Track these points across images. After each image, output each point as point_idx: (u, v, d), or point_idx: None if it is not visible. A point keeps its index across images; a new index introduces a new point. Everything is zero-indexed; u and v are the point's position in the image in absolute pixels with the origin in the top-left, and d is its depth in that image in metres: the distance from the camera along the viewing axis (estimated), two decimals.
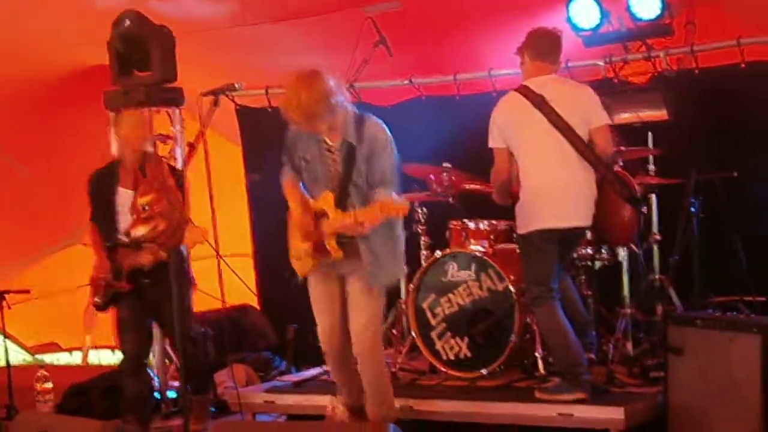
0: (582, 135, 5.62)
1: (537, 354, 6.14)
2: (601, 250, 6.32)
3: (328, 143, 5.22)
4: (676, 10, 6.77)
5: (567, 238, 5.71)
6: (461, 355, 6.32)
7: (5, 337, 7.03)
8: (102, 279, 6.03)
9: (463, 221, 6.59)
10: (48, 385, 7.02)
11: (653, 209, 6.68)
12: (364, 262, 5.20)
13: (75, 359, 9.16)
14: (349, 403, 5.55)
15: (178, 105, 7.47)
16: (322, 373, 6.52)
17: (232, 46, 7.80)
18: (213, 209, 5.38)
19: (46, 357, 9.16)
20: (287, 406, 6.33)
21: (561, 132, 5.60)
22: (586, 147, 5.61)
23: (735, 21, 7.08)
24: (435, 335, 6.40)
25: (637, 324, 6.51)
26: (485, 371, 6.18)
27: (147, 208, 5.28)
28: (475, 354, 6.26)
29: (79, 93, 7.73)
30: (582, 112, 5.65)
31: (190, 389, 5.95)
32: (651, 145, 6.65)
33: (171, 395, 7.23)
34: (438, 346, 6.38)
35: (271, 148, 5.75)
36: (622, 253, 6.45)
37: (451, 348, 6.35)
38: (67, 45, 7.47)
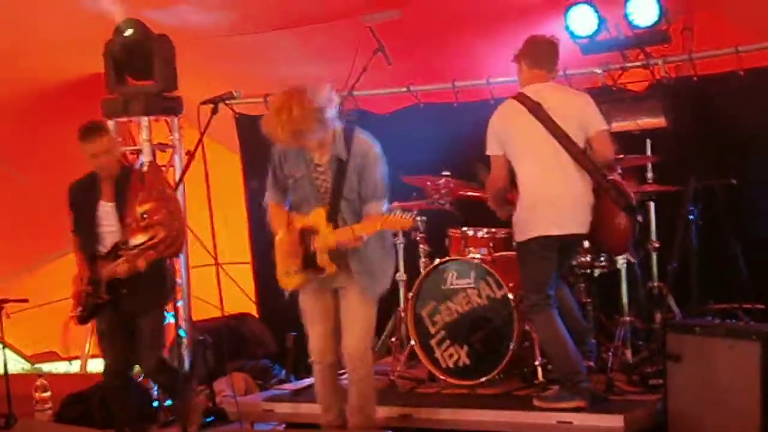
0: (579, 142, 5.62)
1: (536, 362, 6.14)
2: (600, 257, 6.32)
3: (316, 160, 5.21)
4: (673, 17, 6.79)
5: (565, 245, 5.70)
6: (460, 363, 6.31)
7: (4, 346, 7.01)
8: (82, 291, 5.94)
9: (462, 229, 6.59)
10: (47, 394, 7.01)
11: (651, 216, 6.69)
12: (356, 273, 5.21)
13: (74, 368, 9.15)
14: (330, 421, 5.52)
15: (176, 114, 7.54)
16: None
17: (231, 54, 7.81)
18: (212, 217, 5.38)
19: (44, 366, 9.15)
20: (286, 414, 6.31)
21: (558, 139, 5.60)
22: (582, 154, 5.61)
23: (732, 27, 7.10)
24: (434, 343, 6.40)
25: (636, 331, 6.51)
26: (484, 379, 6.17)
27: (146, 216, 5.28)
28: (474, 362, 6.26)
29: (78, 101, 7.74)
30: (579, 119, 5.65)
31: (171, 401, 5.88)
32: (649, 153, 6.66)
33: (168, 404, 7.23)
34: (437, 354, 6.38)
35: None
36: (620, 261, 6.45)
37: (450, 356, 6.35)
38: (66, 54, 7.48)
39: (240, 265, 8.58)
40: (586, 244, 6.09)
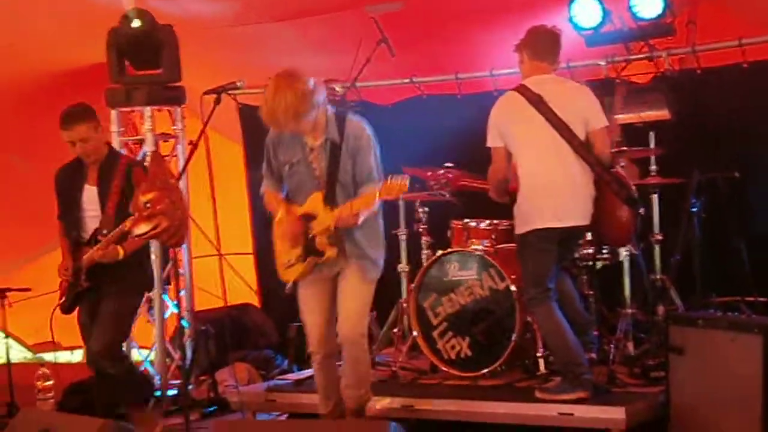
0: (579, 135, 5.60)
1: (538, 354, 6.14)
2: (603, 249, 6.32)
3: (310, 144, 5.24)
4: (677, 9, 6.77)
5: (566, 237, 5.70)
6: (462, 355, 6.31)
7: (6, 335, 7.03)
8: (65, 280, 5.91)
9: (465, 221, 6.59)
10: (49, 383, 7.01)
11: (655, 209, 6.68)
12: (351, 256, 5.25)
13: (76, 357, 9.15)
14: (330, 411, 5.52)
15: (180, 103, 7.54)
16: None
17: (234, 44, 7.80)
18: (215, 207, 5.39)
19: (46, 355, 9.15)
20: (288, 404, 6.31)
21: (558, 131, 5.59)
22: (583, 147, 5.60)
23: (736, 20, 7.09)
24: (436, 334, 6.40)
25: (639, 324, 6.50)
26: (486, 371, 6.17)
27: (149, 205, 5.27)
28: (476, 353, 6.26)
29: (81, 91, 7.72)
30: (580, 112, 5.64)
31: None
32: (653, 145, 6.65)
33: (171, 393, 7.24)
34: (439, 345, 6.38)
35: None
36: (623, 253, 6.44)
37: (452, 347, 6.35)
38: (69, 43, 7.47)
39: (242, 256, 8.59)
40: (589, 236, 6.08)
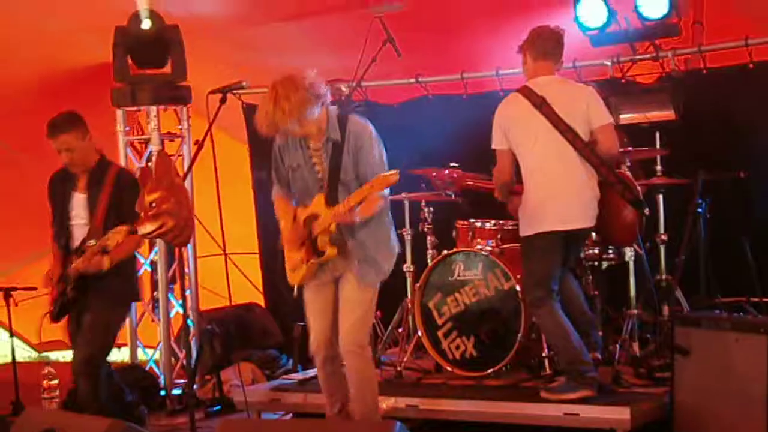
0: (584, 136, 5.60)
1: (543, 354, 6.14)
2: (608, 250, 6.31)
3: (313, 146, 5.21)
4: (683, 9, 6.77)
5: (570, 240, 5.69)
6: (467, 355, 6.32)
7: (11, 334, 7.04)
8: (52, 289, 5.85)
9: (470, 221, 6.59)
10: (54, 382, 7.01)
11: (660, 209, 6.68)
12: (355, 259, 5.19)
13: None
14: (335, 413, 5.48)
15: (185, 103, 7.56)
16: None
17: (239, 44, 7.81)
18: (220, 207, 5.39)
19: (52, 354, 9.17)
20: (293, 404, 6.32)
21: (562, 133, 5.58)
22: (587, 149, 5.59)
23: (742, 20, 7.08)
24: (441, 334, 6.40)
25: (644, 324, 6.50)
26: (491, 371, 6.18)
27: (155, 205, 5.27)
28: (481, 353, 6.26)
29: (86, 90, 7.75)
30: (583, 113, 5.63)
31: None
32: (658, 146, 6.64)
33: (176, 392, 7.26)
34: (444, 345, 6.38)
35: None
36: (628, 254, 6.44)
37: (457, 347, 6.35)
38: (75, 43, 7.48)
39: (247, 255, 8.59)
40: (594, 236, 6.07)
